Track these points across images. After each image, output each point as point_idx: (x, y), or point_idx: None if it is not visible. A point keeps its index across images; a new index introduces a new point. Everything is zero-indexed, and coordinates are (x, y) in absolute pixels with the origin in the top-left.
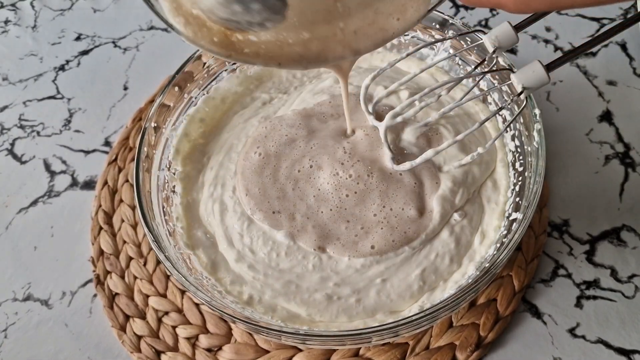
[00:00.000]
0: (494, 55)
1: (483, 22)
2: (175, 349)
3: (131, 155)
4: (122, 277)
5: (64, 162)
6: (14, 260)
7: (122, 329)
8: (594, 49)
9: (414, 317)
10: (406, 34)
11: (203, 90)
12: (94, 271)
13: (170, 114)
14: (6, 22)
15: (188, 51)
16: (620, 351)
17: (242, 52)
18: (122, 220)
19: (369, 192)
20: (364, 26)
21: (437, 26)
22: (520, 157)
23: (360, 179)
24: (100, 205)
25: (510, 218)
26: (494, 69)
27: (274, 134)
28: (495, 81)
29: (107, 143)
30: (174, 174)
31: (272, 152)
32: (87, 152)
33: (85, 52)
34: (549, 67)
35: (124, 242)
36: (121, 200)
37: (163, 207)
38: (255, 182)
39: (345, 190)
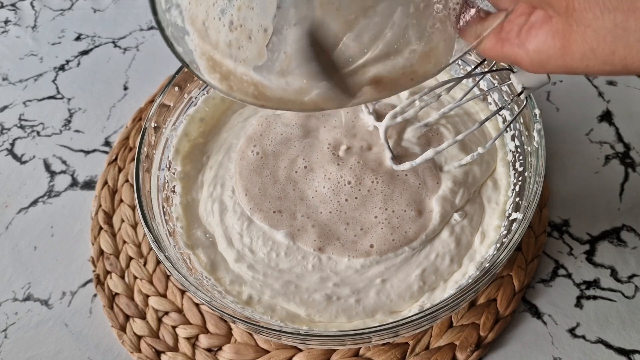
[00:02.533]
0: None
1: None
2: (175, 349)
3: (131, 155)
4: (122, 277)
5: (64, 162)
6: (14, 260)
7: (122, 329)
8: None
9: (414, 317)
10: None
11: (203, 90)
12: (94, 271)
13: (170, 114)
14: (6, 22)
15: None
16: (620, 351)
17: (273, 99)
18: (122, 220)
19: (372, 196)
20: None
21: None
22: (520, 157)
23: (362, 186)
24: (100, 205)
25: (511, 218)
26: (494, 69)
27: (270, 132)
28: (495, 81)
29: (107, 143)
30: (174, 173)
31: (269, 151)
32: (87, 152)
33: (85, 52)
34: None
35: (124, 242)
36: (121, 200)
37: (163, 207)
38: (255, 182)
39: (344, 195)
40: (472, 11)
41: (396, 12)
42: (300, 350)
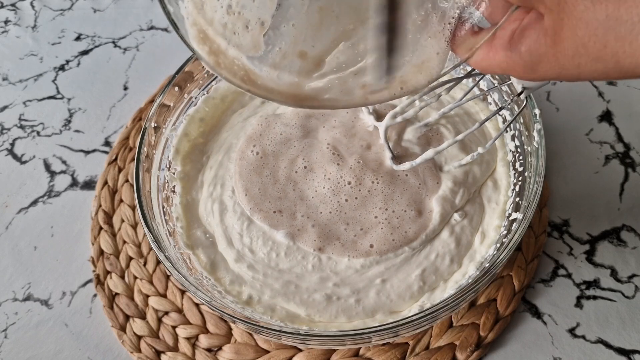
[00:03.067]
0: None
1: None
2: (175, 349)
3: (131, 155)
4: (122, 277)
5: (64, 162)
6: (14, 260)
7: (122, 329)
8: None
9: (414, 317)
10: None
11: (203, 90)
12: (94, 271)
13: (170, 114)
14: (6, 22)
15: (188, 51)
16: (620, 351)
17: (261, 87)
18: (122, 220)
19: (372, 196)
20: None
21: None
22: (520, 157)
23: (362, 186)
24: (100, 205)
25: (511, 218)
26: None
27: (269, 132)
28: (495, 81)
29: (107, 143)
30: (174, 173)
31: (269, 151)
32: (87, 152)
33: (85, 52)
34: None
35: (124, 242)
36: (121, 200)
37: (163, 207)
38: (255, 182)
39: (344, 195)
40: (467, 26)
41: None
42: (300, 350)
